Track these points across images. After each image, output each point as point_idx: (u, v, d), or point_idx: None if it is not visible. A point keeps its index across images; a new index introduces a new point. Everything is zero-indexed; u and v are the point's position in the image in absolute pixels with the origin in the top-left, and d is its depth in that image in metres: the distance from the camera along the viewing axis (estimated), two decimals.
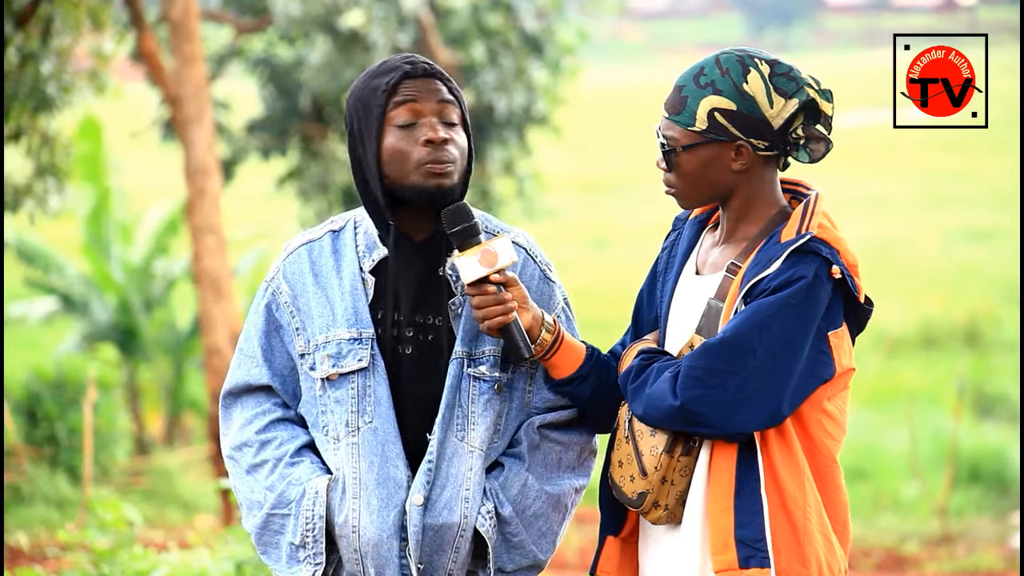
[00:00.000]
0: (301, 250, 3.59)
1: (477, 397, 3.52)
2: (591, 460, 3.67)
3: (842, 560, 3.41)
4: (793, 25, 63.43)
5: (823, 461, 3.41)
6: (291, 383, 3.57)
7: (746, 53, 3.46)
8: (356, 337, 3.50)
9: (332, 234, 3.60)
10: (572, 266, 26.91)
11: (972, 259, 27.04)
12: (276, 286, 3.58)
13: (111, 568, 7.10)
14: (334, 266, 3.55)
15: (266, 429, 3.55)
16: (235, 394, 3.60)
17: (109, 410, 14.91)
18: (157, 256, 17.01)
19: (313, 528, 3.48)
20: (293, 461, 3.52)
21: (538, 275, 3.64)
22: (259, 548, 3.56)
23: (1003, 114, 17.37)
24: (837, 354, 3.39)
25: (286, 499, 3.50)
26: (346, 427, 3.49)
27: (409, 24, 16.11)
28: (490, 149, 17.53)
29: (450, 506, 3.48)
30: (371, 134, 3.50)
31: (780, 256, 3.37)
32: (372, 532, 3.46)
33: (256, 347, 3.57)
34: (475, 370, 3.52)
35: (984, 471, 15.47)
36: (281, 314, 3.56)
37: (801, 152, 3.47)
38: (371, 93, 3.50)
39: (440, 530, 3.48)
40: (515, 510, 3.54)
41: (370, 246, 3.55)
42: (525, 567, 3.59)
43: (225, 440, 3.61)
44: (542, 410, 3.61)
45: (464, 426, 3.51)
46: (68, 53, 10.74)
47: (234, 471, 3.58)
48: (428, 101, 3.51)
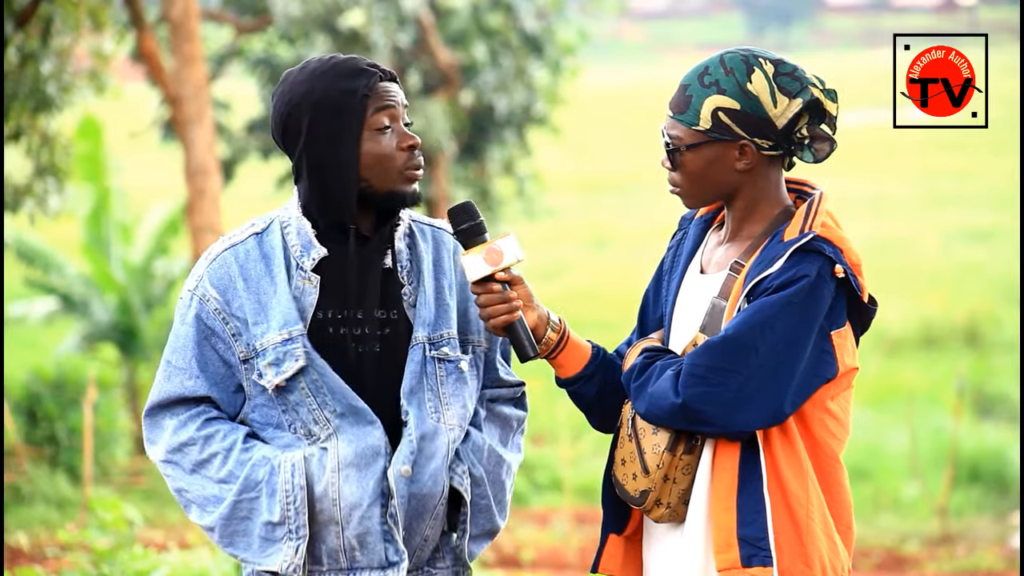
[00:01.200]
0: (226, 255, 3.53)
1: (446, 378, 3.54)
2: (521, 439, 3.74)
3: (845, 560, 3.40)
4: (793, 25, 63.47)
5: (826, 460, 3.41)
6: (226, 390, 3.53)
7: (750, 52, 3.46)
8: (288, 337, 3.46)
9: (256, 236, 3.54)
10: (572, 266, 26.90)
11: (972, 259, 27.05)
12: (203, 293, 3.51)
13: (111, 568, 7.10)
14: (265, 269, 3.51)
15: (205, 425, 3.50)
16: (164, 406, 3.54)
17: (109, 410, 14.91)
18: (157, 256, 17.02)
19: (295, 500, 3.44)
20: (246, 447, 3.48)
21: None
22: (223, 541, 3.50)
23: (1003, 114, 17.37)
24: (840, 353, 3.39)
25: (253, 481, 3.46)
26: (316, 424, 3.48)
27: (409, 24, 16.12)
28: (490, 149, 17.54)
29: (435, 477, 3.50)
30: (347, 137, 3.46)
31: (783, 255, 3.37)
32: (354, 499, 3.45)
33: (189, 358, 3.51)
34: (438, 352, 3.53)
35: (984, 471, 15.47)
36: (213, 321, 3.50)
37: (805, 152, 3.47)
38: (344, 95, 3.46)
39: (423, 498, 3.50)
40: (484, 472, 3.58)
41: (306, 246, 3.51)
42: (486, 532, 3.61)
43: (157, 447, 3.54)
44: (488, 386, 3.68)
45: (438, 407, 3.52)
46: (68, 53, 10.74)
47: (175, 474, 3.52)
48: (398, 105, 3.51)
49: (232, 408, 3.54)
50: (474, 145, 17.43)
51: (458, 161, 17.34)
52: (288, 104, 3.49)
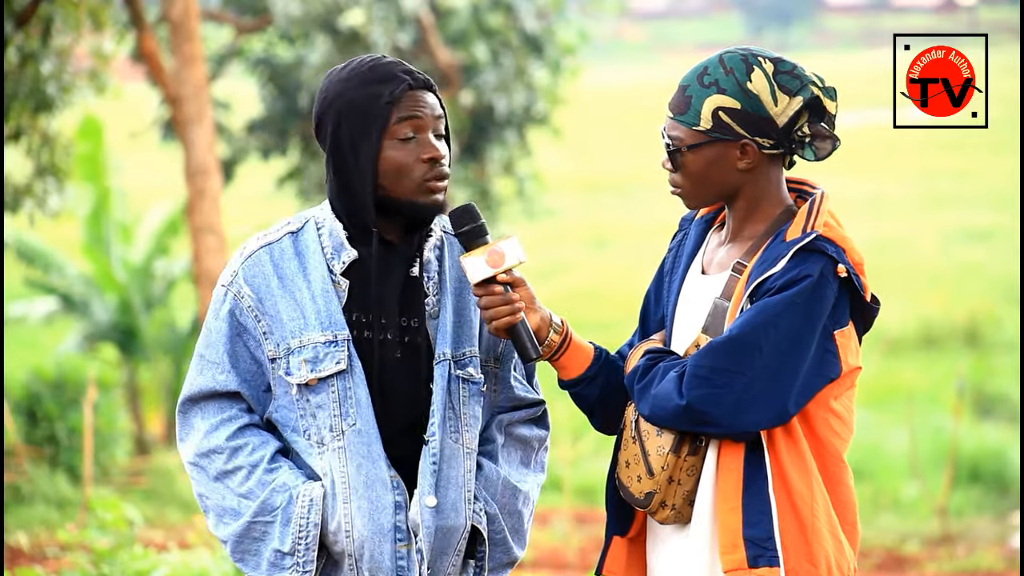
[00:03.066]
0: (260, 253, 3.52)
1: (468, 399, 3.53)
2: (545, 456, 3.71)
3: (851, 559, 3.40)
4: (793, 25, 63.46)
5: (831, 460, 3.41)
6: (256, 387, 3.52)
7: (749, 52, 3.46)
8: (332, 340, 3.46)
9: (291, 235, 3.54)
10: (572, 266, 26.89)
11: (972, 259, 27.05)
12: (237, 290, 3.51)
13: (111, 568, 7.10)
14: (299, 268, 3.50)
15: (236, 435, 3.50)
16: (195, 400, 3.54)
17: (109, 410, 14.91)
18: (157, 256, 17.02)
19: (307, 536, 3.44)
20: (271, 467, 3.48)
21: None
22: (235, 556, 3.51)
23: (1003, 114, 17.37)
24: (843, 353, 3.39)
25: (270, 506, 3.46)
26: (331, 431, 3.46)
27: (409, 24, 16.12)
28: (490, 149, 17.53)
29: (456, 507, 3.49)
30: (369, 143, 3.45)
31: (786, 255, 3.37)
32: (366, 535, 3.44)
33: (221, 353, 3.50)
34: (463, 372, 3.52)
35: (984, 471, 15.47)
36: (246, 318, 3.50)
37: (807, 150, 3.47)
38: (369, 101, 3.44)
39: (448, 532, 3.48)
40: (498, 507, 3.56)
41: (337, 248, 3.51)
42: (504, 564, 3.60)
43: (186, 446, 3.55)
44: (507, 408, 3.63)
45: (458, 428, 3.51)
46: (68, 53, 10.75)
47: (199, 478, 3.52)
48: (427, 116, 3.47)
49: (261, 407, 3.54)
50: (474, 145, 17.43)
51: (458, 161, 17.33)
52: (323, 103, 3.49)
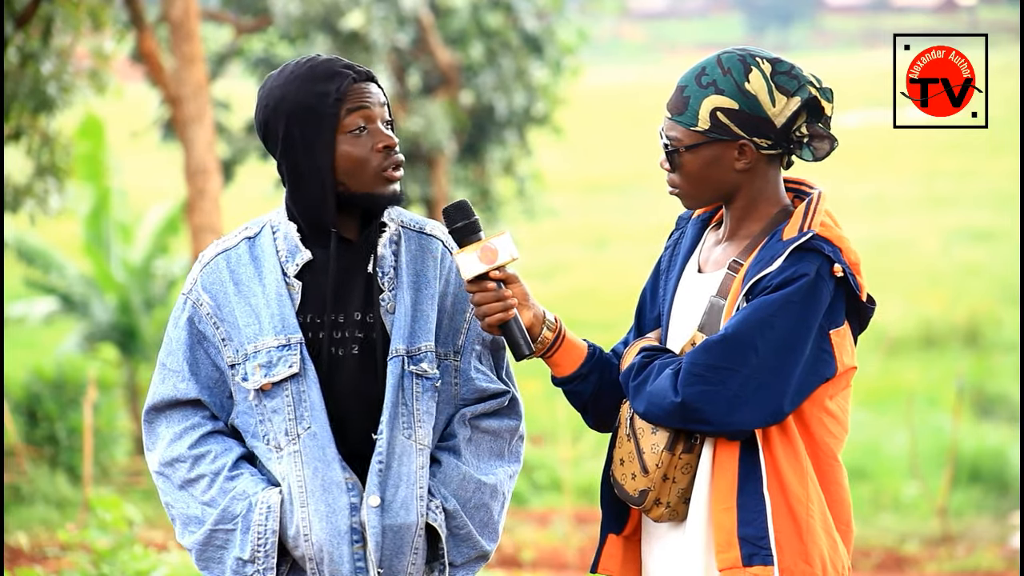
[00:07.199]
0: (218, 259, 3.55)
1: (421, 395, 3.52)
2: (521, 446, 3.68)
3: (845, 558, 3.40)
4: (793, 25, 63.45)
5: (825, 459, 3.41)
6: (218, 394, 3.55)
7: (747, 52, 3.46)
8: (284, 344, 3.47)
9: (248, 241, 3.56)
10: (572, 266, 26.89)
11: (972, 259, 27.06)
12: (196, 298, 3.54)
13: (111, 568, 7.11)
14: (255, 273, 3.52)
15: (198, 443, 3.52)
16: (159, 409, 3.56)
17: (109, 410, 14.92)
18: (157, 256, 17.03)
19: (266, 543, 3.46)
20: (232, 475, 3.50)
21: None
22: (199, 564, 3.53)
23: (1003, 114, 17.39)
24: (839, 352, 3.39)
25: (231, 514, 3.48)
26: (286, 435, 3.47)
27: (409, 24, 16.13)
28: (490, 149, 17.54)
29: (407, 505, 3.48)
30: (322, 142, 3.46)
31: (782, 254, 3.37)
32: (323, 538, 3.45)
33: (181, 361, 3.53)
34: (416, 367, 3.52)
35: (984, 471, 15.48)
36: (204, 326, 3.52)
37: (804, 150, 3.47)
38: (318, 99, 3.45)
39: (399, 531, 3.48)
40: (458, 503, 3.55)
41: (292, 250, 3.52)
42: (473, 559, 3.59)
43: (152, 455, 3.57)
44: (471, 401, 3.62)
45: (411, 423, 3.50)
46: (68, 53, 10.74)
47: (165, 487, 3.55)
48: (374, 105, 3.49)
49: (225, 414, 3.55)
50: (474, 145, 17.44)
51: (458, 161, 17.34)
52: (266, 109, 3.50)
